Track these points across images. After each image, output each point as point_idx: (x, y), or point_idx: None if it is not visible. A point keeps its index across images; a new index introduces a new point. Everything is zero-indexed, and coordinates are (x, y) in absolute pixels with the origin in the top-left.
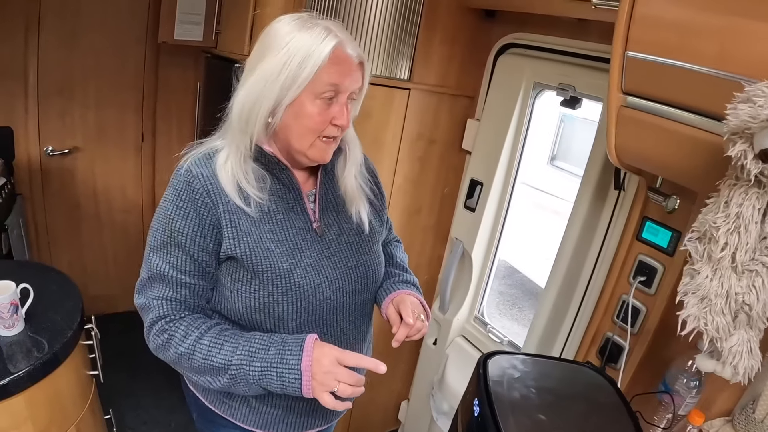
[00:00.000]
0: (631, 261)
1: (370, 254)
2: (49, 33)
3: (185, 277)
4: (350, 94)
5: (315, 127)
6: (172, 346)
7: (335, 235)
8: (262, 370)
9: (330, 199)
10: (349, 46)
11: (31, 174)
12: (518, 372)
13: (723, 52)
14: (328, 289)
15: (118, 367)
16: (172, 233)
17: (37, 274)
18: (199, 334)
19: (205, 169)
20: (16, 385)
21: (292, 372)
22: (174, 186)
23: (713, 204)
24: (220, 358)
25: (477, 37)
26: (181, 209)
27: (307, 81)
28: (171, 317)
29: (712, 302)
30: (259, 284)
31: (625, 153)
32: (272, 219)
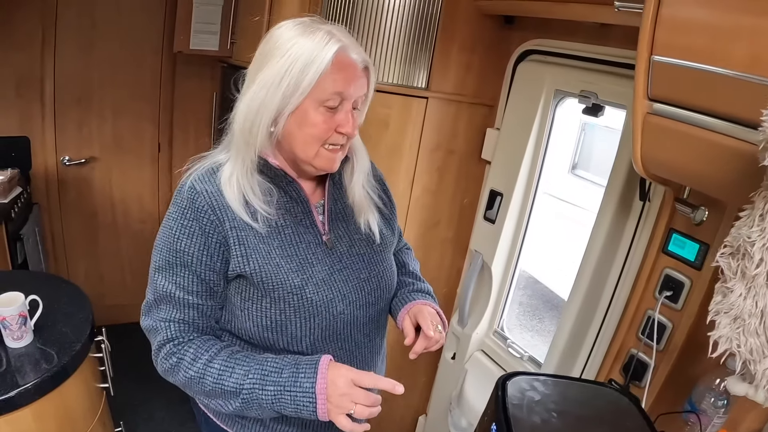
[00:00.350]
0: (657, 275)
1: (383, 265)
2: (65, 44)
3: (192, 298)
4: (355, 102)
5: (319, 135)
6: (182, 370)
7: (346, 246)
8: (275, 393)
9: (339, 209)
10: (353, 50)
11: (48, 183)
12: (539, 394)
13: (755, 55)
14: (341, 304)
15: (132, 377)
16: (177, 253)
17: (48, 285)
18: (209, 357)
19: (210, 185)
20: (23, 397)
21: (307, 395)
22: (178, 204)
23: (747, 217)
24: (231, 382)
25: (496, 44)
26: (185, 228)
27: (309, 88)
28: (179, 340)
29: (746, 322)
30: (270, 302)
31: (652, 162)
32: (281, 234)
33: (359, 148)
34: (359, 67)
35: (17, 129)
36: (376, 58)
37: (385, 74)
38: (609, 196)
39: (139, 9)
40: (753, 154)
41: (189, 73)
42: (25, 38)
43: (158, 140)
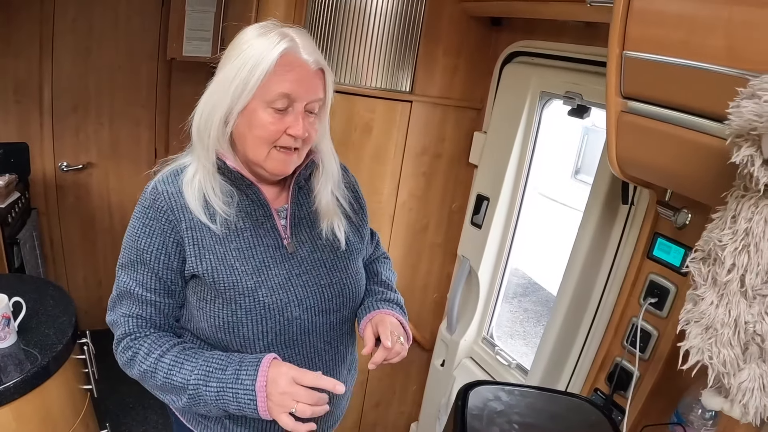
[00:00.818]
0: (642, 281)
1: (347, 272)
2: (63, 51)
3: (151, 295)
4: (311, 105)
5: (268, 136)
6: (137, 364)
7: (308, 252)
8: (218, 390)
9: (304, 215)
10: (305, 51)
11: (47, 189)
12: (502, 405)
13: (731, 47)
14: (297, 309)
15: (128, 381)
16: (138, 251)
17: (35, 288)
18: (162, 353)
19: (171, 186)
20: (3, 396)
21: (248, 393)
22: (141, 204)
23: (719, 219)
24: (179, 378)
25: (484, 46)
26: (146, 227)
27: (255, 87)
28: (136, 334)
29: (718, 332)
30: (222, 303)
31: (628, 163)
32: (239, 236)
33: (328, 153)
34: (311, 68)
35: (15, 135)
36: (359, 62)
37: (369, 79)
38: (593, 200)
39: (135, 16)
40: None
41: (184, 79)
42: (23, 45)
43: (155, 146)
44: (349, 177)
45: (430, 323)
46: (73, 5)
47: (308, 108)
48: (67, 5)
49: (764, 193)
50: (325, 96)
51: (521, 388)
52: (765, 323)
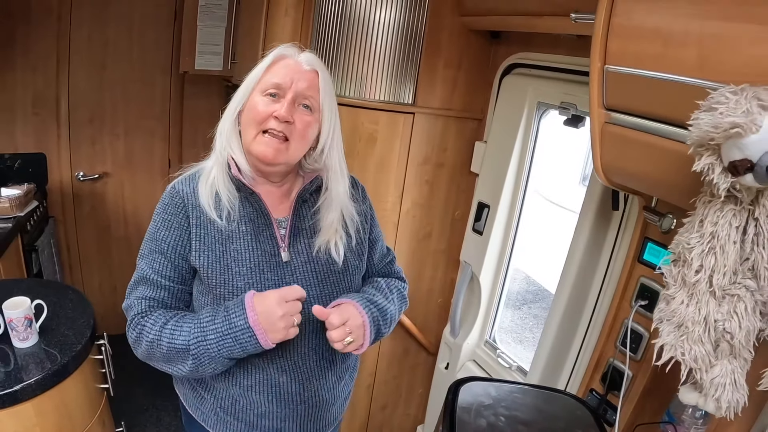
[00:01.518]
0: (633, 284)
1: (339, 285)
2: (79, 65)
3: (165, 281)
4: (300, 98)
5: (257, 118)
6: (144, 337)
7: (302, 262)
8: (217, 340)
9: (305, 227)
10: (302, 56)
11: (63, 198)
12: (491, 399)
13: (703, 59)
14: None
15: (143, 384)
16: (156, 242)
17: (55, 292)
18: (164, 321)
19: (188, 186)
20: (25, 392)
21: (245, 332)
22: (162, 201)
23: (689, 223)
24: (180, 341)
25: (483, 59)
26: (165, 221)
27: (254, 80)
28: (145, 313)
29: (690, 330)
30: (212, 299)
31: (613, 171)
32: (240, 239)
33: (336, 171)
34: (303, 67)
35: (34, 146)
36: (363, 76)
37: (373, 92)
38: (588, 206)
39: (149, 31)
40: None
41: (197, 91)
42: (41, 60)
43: (168, 156)
44: (357, 191)
45: (434, 328)
46: (89, 22)
47: (300, 101)
48: (83, 22)
49: (728, 198)
50: (319, 97)
51: (509, 384)
52: (733, 321)
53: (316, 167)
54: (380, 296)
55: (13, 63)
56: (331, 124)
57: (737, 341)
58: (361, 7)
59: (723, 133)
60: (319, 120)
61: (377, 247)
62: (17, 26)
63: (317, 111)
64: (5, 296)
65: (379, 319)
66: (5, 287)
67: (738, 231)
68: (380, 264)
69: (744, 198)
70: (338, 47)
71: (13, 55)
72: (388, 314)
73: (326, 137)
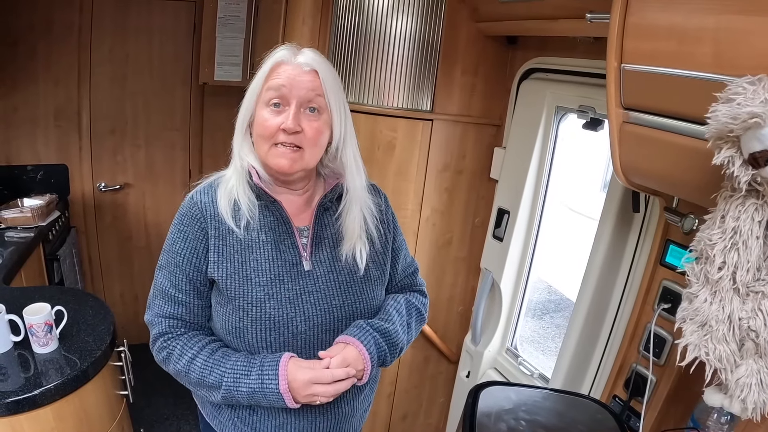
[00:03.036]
0: (656, 287)
1: (361, 296)
2: (100, 78)
3: (182, 296)
4: (304, 102)
5: (264, 132)
6: (171, 363)
7: (324, 271)
8: (248, 393)
9: (327, 235)
10: (300, 56)
11: (85, 208)
12: (511, 403)
13: (718, 54)
14: (304, 324)
15: (163, 392)
16: (173, 254)
17: (76, 299)
18: (193, 355)
19: (207, 196)
20: (44, 397)
21: (274, 394)
22: (179, 211)
23: (710, 219)
24: (211, 380)
25: (500, 64)
26: (182, 233)
27: (257, 90)
28: (170, 335)
29: (714, 329)
30: (232, 309)
31: (632, 172)
32: (260, 248)
33: (354, 179)
34: (303, 68)
35: (56, 157)
36: (381, 84)
37: (391, 99)
38: (608, 210)
39: (168, 44)
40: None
41: (216, 102)
42: (63, 73)
43: (189, 167)
44: (380, 199)
45: (455, 336)
46: (110, 35)
47: (306, 106)
48: (104, 35)
49: (749, 192)
50: (325, 97)
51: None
52: (758, 319)
53: (333, 166)
54: (396, 324)
55: (35, 76)
56: (342, 121)
57: (762, 339)
58: (378, 15)
59: (742, 124)
60: (328, 121)
61: (400, 256)
62: (39, 40)
63: (325, 111)
64: (27, 302)
65: (386, 354)
66: (27, 294)
67: (761, 226)
68: (403, 274)
69: (766, 191)
70: (356, 55)
71: (35, 69)
72: (398, 346)
73: (338, 136)
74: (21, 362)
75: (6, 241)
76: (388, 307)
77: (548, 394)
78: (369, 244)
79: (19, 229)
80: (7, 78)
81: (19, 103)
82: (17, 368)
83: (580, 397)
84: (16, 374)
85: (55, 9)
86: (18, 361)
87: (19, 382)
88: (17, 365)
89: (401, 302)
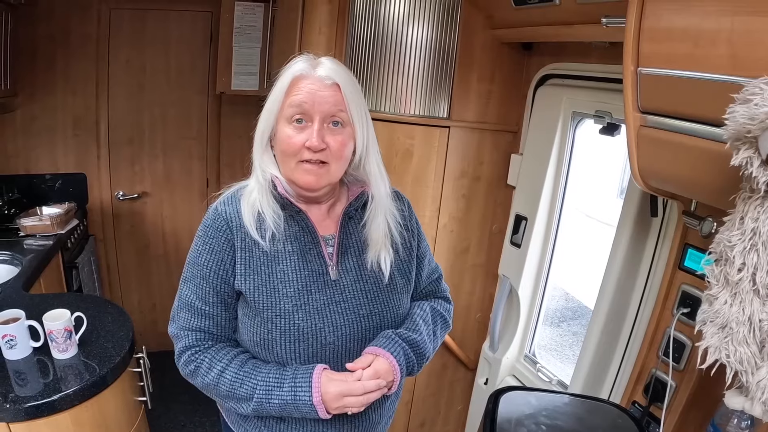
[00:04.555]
0: (675, 292)
1: (388, 304)
2: (117, 88)
3: (209, 308)
4: (327, 117)
5: (289, 150)
6: (199, 376)
7: (351, 281)
8: (280, 405)
9: (352, 243)
10: (321, 68)
11: (104, 216)
12: (532, 408)
13: (734, 56)
14: (332, 335)
15: (181, 400)
16: (198, 266)
17: (94, 306)
18: (222, 368)
19: (230, 207)
20: (63, 402)
21: (307, 406)
22: (203, 223)
23: (729, 221)
24: (242, 392)
25: (516, 70)
26: (207, 245)
27: (276, 105)
28: (196, 348)
29: (734, 331)
30: (260, 321)
31: (650, 175)
32: (286, 259)
33: (379, 186)
34: (324, 82)
35: (74, 166)
36: (398, 92)
37: (408, 106)
38: (626, 214)
39: (185, 54)
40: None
41: (233, 111)
42: (81, 83)
43: (206, 176)
44: (403, 205)
45: (473, 343)
46: (127, 46)
47: (329, 122)
48: (121, 46)
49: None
50: (347, 110)
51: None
52: None
53: (356, 174)
54: (423, 334)
55: (54, 86)
56: (364, 133)
57: None
58: (394, 24)
59: (759, 124)
60: (352, 133)
61: (425, 262)
62: (58, 51)
63: (348, 124)
64: (46, 309)
65: (414, 364)
66: (46, 300)
67: None
68: (428, 281)
69: None
70: (372, 63)
71: (54, 79)
72: (425, 356)
73: (362, 146)
74: (40, 368)
75: (25, 249)
76: (415, 317)
77: (568, 399)
78: (393, 251)
79: (38, 237)
80: (26, 88)
81: (38, 112)
82: (36, 373)
83: (601, 402)
84: (36, 379)
85: (73, 20)
86: (37, 367)
87: (38, 388)
88: (36, 370)
89: (427, 310)
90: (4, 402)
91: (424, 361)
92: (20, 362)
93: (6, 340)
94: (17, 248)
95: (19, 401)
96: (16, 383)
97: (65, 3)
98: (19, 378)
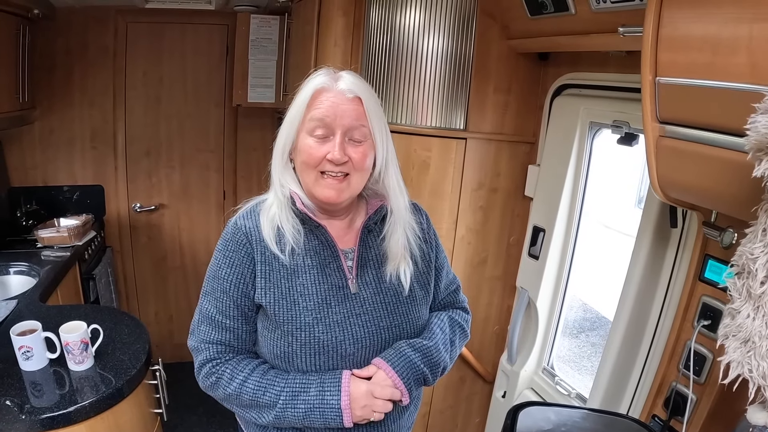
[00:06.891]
0: (695, 303)
1: (407, 317)
2: (134, 101)
3: (229, 321)
4: (349, 131)
5: (310, 161)
6: (220, 388)
7: (371, 293)
8: (305, 410)
9: (372, 256)
10: (342, 82)
11: (121, 228)
12: (550, 424)
13: (754, 64)
14: (352, 347)
15: (198, 412)
16: (219, 280)
17: (111, 318)
18: (244, 377)
19: (250, 221)
20: (79, 414)
21: (334, 410)
22: (223, 237)
23: (751, 233)
24: (265, 399)
25: (532, 81)
26: (227, 258)
27: (298, 118)
28: (217, 361)
29: (757, 345)
30: (281, 334)
31: (670, 186)
32: (306, 273)
33: (395, 189)
34: (345, 96)
35: (92, 178)
36: (414, 104)
37: (425, 118)
38: (645, 225)
39: (202, 67)
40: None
41: (250, 123)
42: (98, 96)
43: (223, 188)
44: (422, 217)
45: (491, 356)
46: (143, 59)
47: (350, 135)
48: (138, 59)
49: None
50: (368, 124)
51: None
52: None
53: (376, 189)
54: (438, 342)
55: (71, 99)
56: (385, 146)
57: None
58: (409, 35)
59: None
60: (372, 146)
61: (443, 273)
62: (75, 64)
63: (369, 138)
64: (63, 320)
65: (425, 373)
66: (63, 312)
67: None
68: (446, 292)
69: None
70: (388, 76)
71: (71, 92)
72: (440, 364)
73: (381, 159)
74: (56, 379)
75: (43, 260)
76: (432, 325)
77: (587, 414)
78: (412, 263)
79: (56, 248)
80: (45, 101)
81: (56, 125)
82: (53, 385)
83: (620, 416)
84: (52, 391)
85: (90, 33)
86: (53, 378)
87: (54, 399)
88: (53, 382)
89: (444, 320)
90: (20, 413)
91: (439, 369)
92: (36, 374)
93: (22, 351)
94: (35, 259)
95: (35, 412)
96: (32, 394)
97: (83, 16)
98: (35, 389)
